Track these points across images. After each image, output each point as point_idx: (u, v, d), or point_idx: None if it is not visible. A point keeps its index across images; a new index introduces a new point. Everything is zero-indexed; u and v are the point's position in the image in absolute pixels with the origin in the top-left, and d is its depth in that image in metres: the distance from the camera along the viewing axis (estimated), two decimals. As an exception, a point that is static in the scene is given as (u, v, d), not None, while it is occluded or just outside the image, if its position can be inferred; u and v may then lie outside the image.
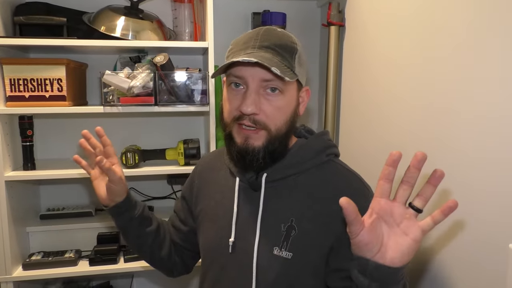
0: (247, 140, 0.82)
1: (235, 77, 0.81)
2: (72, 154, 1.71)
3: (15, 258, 1.45)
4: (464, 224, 0.86)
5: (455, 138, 0.88)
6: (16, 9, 1.47)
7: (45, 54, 1.61)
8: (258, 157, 0.82)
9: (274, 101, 0.80)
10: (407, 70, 1.08)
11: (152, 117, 1.78)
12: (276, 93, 0.80)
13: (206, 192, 0.98)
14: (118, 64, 1.60)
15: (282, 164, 0.86)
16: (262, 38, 0.81)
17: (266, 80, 0.79)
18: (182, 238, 1.05)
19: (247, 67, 0.79)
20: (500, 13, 0.75)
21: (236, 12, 1.78)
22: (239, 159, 0.84)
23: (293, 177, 0.86)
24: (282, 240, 0.82)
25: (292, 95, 0.83)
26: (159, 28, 1.54)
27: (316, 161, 0.87)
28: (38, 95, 1.40)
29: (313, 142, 0.89)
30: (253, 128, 0.81)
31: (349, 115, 1.50)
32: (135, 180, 1.79)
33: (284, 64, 0.79)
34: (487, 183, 0.79)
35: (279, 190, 0.86)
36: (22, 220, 1.52)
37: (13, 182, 1.43)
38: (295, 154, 0.87)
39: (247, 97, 0.79)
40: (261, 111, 0.80)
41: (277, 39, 0.81)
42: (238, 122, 0.81)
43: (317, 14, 1.84)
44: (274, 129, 0.81)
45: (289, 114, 0.83)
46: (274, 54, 0.79)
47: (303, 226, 0.82)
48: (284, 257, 0.82)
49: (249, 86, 0.80)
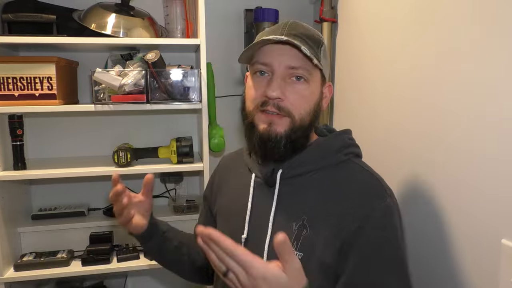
0: (270, 126, 0.81)
1: (261, 64, 0.81)
2: (63, 153, 1.72)
3: (7, 259, 1.44)
4: (457, 219, 0.86)
5: (448, 134, 0.88)
6: (5, 6, 1.45)
7: (34, 52, 1.59)
8: (279, 144, 0.80)
9: (300, 89, 0.80)
10: (399, 66, 1.08)
11: (144, 115, 1.77)
12: (302, 81, 0.80)
13: (225, 190, 0.98)
14: (109, 61, 1.58)
15: (299, 161, 0.84)
16: (290, 27, 0.81)
17: (292, 67, 0.79)
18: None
19: (274, 54, 0.79)
20: (496, 9, 0.75)
21: (228, 8, 1.77)
22: (260, 146, 0.82)
23: (309, 174, 0.84)
24: (293, 239, 0.79)
25: (317, 86, 0.83)
26: (151, 25, 1.53)
27: (334, 159, 0.84)
28: (28, 93, 1.38)
29: (332, 140, 0.87)
30: (277, 114, 0.80)
31: (342, 111, 1.50)
32: (128, 179, 1.77)
33: (310, 52, 0.78)
34: (479, 179, 0.79)
35: (293, 187, 0.84)
36: (13, 220, 1.51)
37: (4, 182, 1.42)
38: (313, 151, 0.85)
39: (273, 81, 0.79)
40: (286, 97, 0.79)
41: (304, 30, 0.82)
42: (262, 108, 0.81)
43: (310, 10, 1.84)
44: (298, 118, 0.80)
45: (313, 104, 0.82)
46: (301, 42, 0.78)
47: (315, 226, 0.79)
48: None
49: (275, 72, 0.80)
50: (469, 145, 0.82)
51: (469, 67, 0.81)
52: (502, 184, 0.73)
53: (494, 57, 0.75)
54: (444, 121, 0.89)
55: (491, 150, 0.76)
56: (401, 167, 1.07)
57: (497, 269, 0.74)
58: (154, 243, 0.97)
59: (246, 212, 0.87)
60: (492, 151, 0.76)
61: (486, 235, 0.78)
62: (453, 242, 0.87)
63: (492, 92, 0.75)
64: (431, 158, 0.94)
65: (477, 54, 0.79)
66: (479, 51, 0.78)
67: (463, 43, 0.83)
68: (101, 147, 1.73)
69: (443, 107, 0.90)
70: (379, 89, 1.19)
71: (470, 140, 0.81)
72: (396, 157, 1.10)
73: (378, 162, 1.20)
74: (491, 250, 0.76)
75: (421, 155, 0.99)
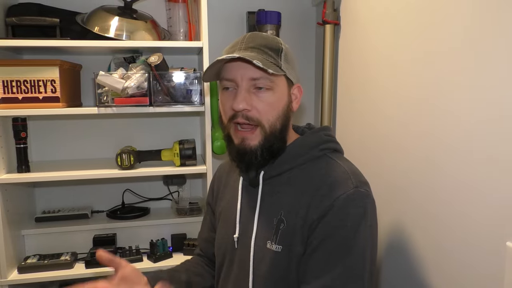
0: (243, 141, 0.86)
1: (226, 80, 0.86)
2: (66, 156, 1.73)
3: (10, 262, 1.44)
4: (461, 222, 0.85)
5: (452, 134, 0.88)
6: (8, 10, 1.46)
7: (38, 55, 1.60)
8: (256, 155, 0.85)
9: (264, 98, 0.84)
10: (402, 68, 1.08)
11: (147, 118, 1.77)
12: (266, 89, 0.84)
13: (222, 195, 1.03)
14: (112, 64, 1.59)
15: (278, 161, 0.89)
16: (247, 40, 0.86)
17: (254, 78, 0.83)
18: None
19: (236, 69, 0.84)
20: (499, 9, 0.75)
21: (230, 11, 1.78)
22: (239, 159, 0.88)
23: (287, 172, 0.89)
24: (273, 234, 0.85)
25: (283, 91, 0.87)
26: (153, 28, 1.54)
27: (309, 156, 0.88)
28: (32, 96, 1.38)
29: (308, 138, 0.92)
30: (247, 125, 0.84)
31: (345, 113, 1.50)
32: (131, 182, 1.78)
33: (269, 60, 0.83)
34: (484, 181, 0.79)
35: (274, 186, 0.89)
36: (17, 223, 1.51)
37: (8, 185, 1.42)
38: (290, 150, 0.90)
39: (237, 95, 0.84)
40: (253, 107, 0.84)
41: (262, 40, 0.86)
42: (234, 121, 0.85)
43: (312, 12, 1.84)
44: (268, 125, 0.85)
45: (281, 109, 0.86)
46: (259, 52, 0.83)
47: (290, 219, 0.84)
48: (274, 250, 0.84)
49: (239, 85, 0.84)
50: (473, 146, 0.81)
51: (471, 67, 0.81)
52: (507, 186, 0.73)
53: (496, 56, 0.74)
54: (448, 121, 0.89)
55: (496, 152, 0.76)
56: (404, 167, 1.07)
57: (502, 272, 0.74)
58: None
59: (237, 213, 0.93)
60: (497, 152, 0.75)
61: (491, 238, 0.77)
62: (458, 245, 0.87)
63: (497, 92, 0.75)
64: (435, 158, 0.94)
65: (478, 54, 0.79)
66: (481, 51, 0.78)
67: (465, 43, 0.83)
68: (104, 149, 1.73)
69: (447, 108, 0.89)
70: (382, 91, 1.19)
71: (475, 141, 0.81)
72: (399, 157, 1.10)
73: (381, 162, 1.20)
74: (496, 253, 0.76)
75: (425, 155, 0.98)
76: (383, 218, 1.18)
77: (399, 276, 1.11)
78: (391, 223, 1.14)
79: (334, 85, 1.57)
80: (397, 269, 1.12)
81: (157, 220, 1.67)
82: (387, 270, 1.17)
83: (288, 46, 0.90)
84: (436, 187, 0.94)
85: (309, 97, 1.88)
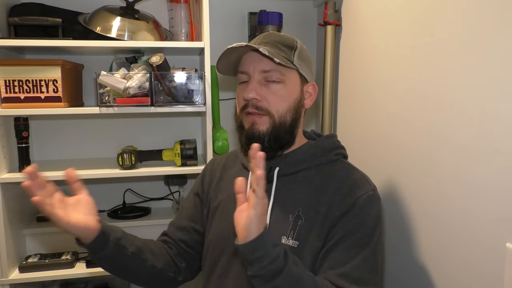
0: (253, 125, 0.89)
1: (241, 73, 0.92)
2: (68, 155, 1.73)
3: (12, 261, 1.45)
4: (461, 222, 0.86)
5: (452, 134, 0.88)
6: (11, 10, 1.46)
7: (40, 55, 1.60)
8: (263, 141, 0.88)
9: (275, 90, 0.89)
10: (404, 69, 1.08)
11: (148, 118, 1.77)
12: (277, 82, 0.88)
13: (218, 188, 1.02)
14: (114, 64, 1.59)
15: (294, 160, 0.92)
16: (263, 37, 0.92)
17: (265, 71, 0.88)
18: (192, 238, 1.04)
19: (249, 62, 0.89)
20: (500, 9, 0.75)
21: (232, 12, 1.78)
22: (246, 143, 0.90)
23: (303, 172, 0.92)
24: (289, 230, 0.87)
25: (294, 86, 0.91)
26: (155, 28, 1.54)
27: (326, 158, 0.93)
28: (34, 96, 1.39)
29: (323, 142, 0.97)
30: (257, 114, 0.88)
31: (347, 114, 1.50)
32: (132, 181, 1.78)
33: (280, 54, 0.87)
34: (485, 181, 0.79)
35: (289, 184, 0.92)
36: (18, 222, 1.51)
37: (9, 184, 1.43)
38: (306, 151, 0.94)
39: (248, 85, 0.89)
40: (263, 98, 0.88)
41: (277, 37, 0.92)
42: (245, 111, 0.90)
43: (314, 13, 1.84)
44: (277, 115, 0.88)
45: (292, 103, 0.90)
46: (272, 47, 0.88)
47: (309, 215, 0.87)
48: (291, 246, 0.86)
49: (251, 77, 0.89)
50: (474, 146, 0.82)
51: (473, 66, 0.81)
52: (508, 187, 0.73)
53: (498, 53, 0.75)
54: (449, 121, 0.89)
55: (497, 152, 0.76)
56: (406, 166, 1.07)
57: (502, 273, 0.74)
58: (108, 252, 0.86)
59: None
60: (498, 153, 0.76)
61: (491, 239, 0.77)
62: (458, 246, 0.87)
63: (499, 90, 0.75)
64: (436, 157, 0.94)
65: (481, 52, 0.79)
66: (484, 49, 0.78)
67: (467, 41, 0.83)
68: (105, 149, 1.74)
69: (448, 108, 0.89)
70: (384, 91, 1.19)
71: (475, 142, 0.81)
72: (400, 156, 1.10)
73: (382, 162, 1.20)
74: (496, 254, 0.76)
75: (428, 154, 0.98)
76: (384, 217, 1.18)
77: (400, 275, 1.11)
78: (392, 222, 1.14)
79: (335, 86, 1.57)
80: (398, 268, 1.12)
81: (158, 220, 1.68)
82: (388, 269, 1.17)
83: (305, 47, 0.95)
84: (437, 186, 0.94)
85: (310, 98, 1.88)
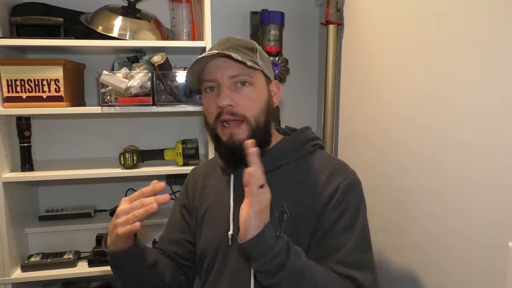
0: (232, 136, 0.89)
1: (208, 81, 0.91)
2: (70, 155, 1.74)
3: (14, 260, 1.45)
4: (464, 222, 0.85)
5: (455, 134, 0.88)
6: (13, 9, 1.46)
7: (42, 54, 1.60)
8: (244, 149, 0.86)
9: (246, 93, 0.89)
10: (406, 68, 1.08)
11: (150, 117, 1.77)
12: (246, 85, 0.89)
13: (201, 197, 1.03)
14: (116, 64, 1.60)
15: (272, 157, 0.93)
16: (223, 43, 0.91)
17: (234, 76, 0.88)
18: (186, 250, 1.03)
19: (216, 70, 0.89)
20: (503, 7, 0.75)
21: (234, 11, 1.78)
22: (228, 155, 0.91)
23: (283, 167, 0.93)
24: (276, 225, 0.88)
25: (262, 87, 0.92)
26: (157, 28, 1.54)
27: (303, 151, 0.95)
28: (36, 95, 1.39)
29: (299, 135, 0.98)
30: (233, 121, 0.88)
31: (349, 113, 1.50)
32: (134, 181, 1.79)
33: (245, 57, 0.88)
34: (488, 181, 0.79)
35: (271, 181, 0.88)
36: (20, 221, 1.52)
37: (11, 184, 1.43)
38: (284, 147, 0.95)
39: (220, 92, 0.89)
40: (236, 103, 0.88)
41: (236, 41, 0.92)
42: (220, 119, 0.89)
43: (316, 12, 1.84)
44: (253, 119, 0.89)
45: (263, 104, 0.91)
46: (234, 51, 0.87)
47: (293, 209, 0.89)
48: None
49: (221, 84, 0.89)
50: (477, 145, 0.81)
51: (477, 65, 0.81)
52: (511, 186, 0.73)
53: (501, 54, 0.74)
54: (452, 120, 0.89)
55: (500, 150, 0.75)
56: (408, 166, 1.07)
57: (505, 272, 0.74)
58: (135, 259, 0.87)
59: (230, 211, 0.93)
60: (501, 151, 0.75)
61: (494, 238, 0.77)
62: (460, 245, 0.87)
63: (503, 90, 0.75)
64: (440, 158, 0.94)
65: (485, 51, 0.79)
66: (488, 48, 0.78)
67: (471, 40, 0.83)
68: (107, 149, 1.74)
69: (450, 107, 0.89)
70: (385, 91, 1.19)
71: (479, 140, 0.81)
72: (403, 156, 1.10)
73: (384, 161, 1.20)
74: (498, 253, 0.76)
75: (430, 154, 0.98)
76: (386, 216, 1.18)
77: (401, 274, 1.11)
78: (394, 222, 1.14)
79: (337, 85, 1.57)
80: (399, 267, 1.12)
81: (160, 219, 1.67)
82: (389, 268, 1.17)
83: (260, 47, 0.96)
84: (440, 186, 0.94)
85: (312, 97, 1.88)
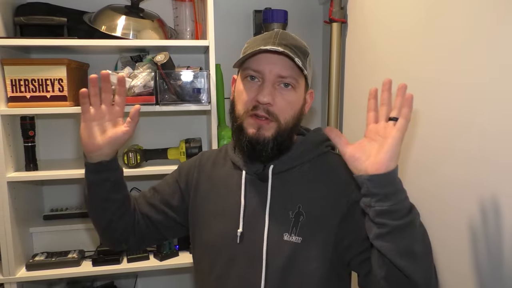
0: (259, 130, 0.86)
1: (253, 71, 0.87)
2: (74, 154, 1.74)
3: (19, 259, 1.46)
4: (465, 221, 0.85)
5: (460, 135, 0.87)
6: (17, 9, 1.47)
7: (46, 54, 1.61)
8: (267, 147, 0.87)
9: (287, 96, 0.87)
10: (410, 67, 1.07)
11: (153, 117, 1.77)
12: (289, 88, 0.87)
13: (210, 187, 0.99)
14: (119, 63, 1.60)
15: (287, 156, 0.92)
16: (280, 37, 0.87)
17: (282, 76, 0.86)
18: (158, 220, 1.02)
19: (265, 62, 0.85)
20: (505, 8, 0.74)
21: (237, 10, 1.77)
22: (249, 148, 0.88)
23: (298, 167, 0.92)
24: (291, 226, 0.87)
25: (302, 93, 0.90)
26: (160, 27, 1.54)
27: (318, 151, 0.94)
28: (40, 95, 1.39)
29: (313, 136, 0.97)
30: (265, 118, 0.86)
31: (352, 111, 1.49)
32: (137, 180, 1.79)
33: (301, 62, 0.85)
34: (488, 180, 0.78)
35: (285, 180, 0.91)
36: (25, 220, 1.52)
37: (16, 183, 1.43)
38: (299, 147, 0.94)
39: (264, 88, 0.85)
40: (275, 103, 0.86)
41: (293, 41, 0.88)
42: (252, 112, 0.86)
43: (319, 11, 1.83)
44: (284, 122, 0.87)
45: (297, 110, 0.90)
46: (291, 52, 0.84)
47: (310, 211, 0.87)
48: (294, 242, 0.86)
49: (266, 79, 0.86)
50: (478, 145, 0.81)
51: (481, 65, 0.80)
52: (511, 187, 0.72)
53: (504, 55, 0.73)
54: (459, 119, 0.88)
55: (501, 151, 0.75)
56: (409, 166, 1.06)
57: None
58: (114, 178, 0.91)
59: (240, 208, 0.91)
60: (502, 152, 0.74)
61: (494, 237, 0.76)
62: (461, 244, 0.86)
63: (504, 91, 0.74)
64: (444, 158, 0.93)
65: (488, 51, 0.78)
66: (491, 48, 0.77)
67: (475, 39, 0.82)
68: (111, 148, 1.74)
69: (456, 105, 0.88)
70: (389, 90, 1.18)
71: (480, 140, 0.80)
72: (404, 156, 1.09)
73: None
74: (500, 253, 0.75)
75: (434, 154, 0.97)
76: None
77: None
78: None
79: (341, 83, 1.56)
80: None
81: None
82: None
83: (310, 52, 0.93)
84: (441, 186, 0.93)
85: (316, 95, 1.86)
